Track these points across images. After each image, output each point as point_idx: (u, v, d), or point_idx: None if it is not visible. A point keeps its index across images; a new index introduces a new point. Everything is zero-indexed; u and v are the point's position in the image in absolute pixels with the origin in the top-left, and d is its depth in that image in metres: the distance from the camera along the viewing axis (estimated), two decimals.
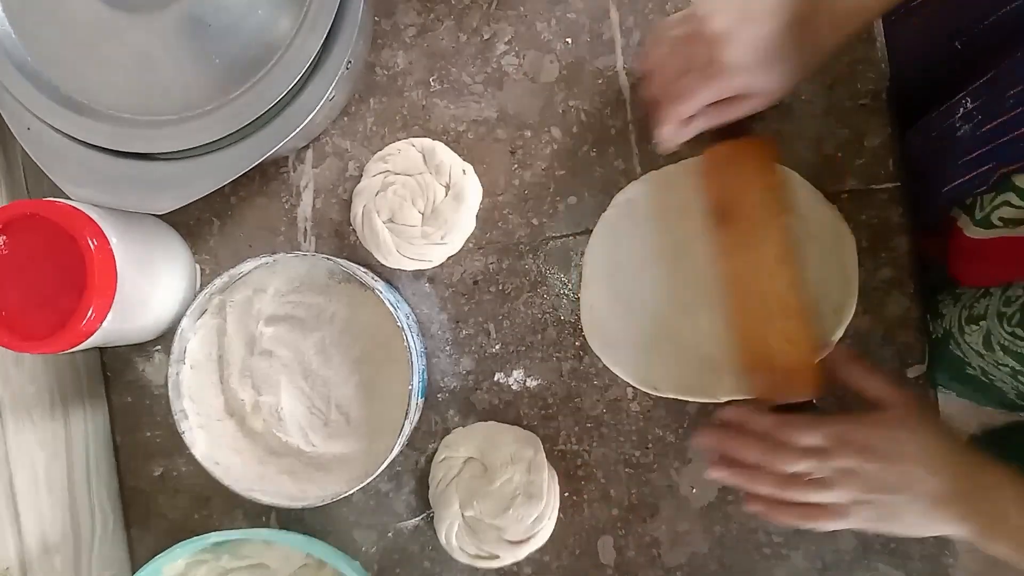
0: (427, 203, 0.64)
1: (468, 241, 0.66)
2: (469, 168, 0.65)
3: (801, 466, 0.52)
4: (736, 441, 0.56)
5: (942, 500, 0.50)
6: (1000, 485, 0.50)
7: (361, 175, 0.66)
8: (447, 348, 0.67)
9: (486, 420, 0.66)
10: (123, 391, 0.70)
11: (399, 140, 0.66)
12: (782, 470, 0.53)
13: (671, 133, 0.54)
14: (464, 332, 0.67)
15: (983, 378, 0.62)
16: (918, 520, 0.51)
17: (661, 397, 0.64)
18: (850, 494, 0.51)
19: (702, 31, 0.51)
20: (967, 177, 0.57)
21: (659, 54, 0.54)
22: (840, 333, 0.61)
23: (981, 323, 0.58)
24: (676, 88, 0.52)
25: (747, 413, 0.57)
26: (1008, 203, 0.55)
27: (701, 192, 0.59)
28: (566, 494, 0.66)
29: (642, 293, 0.63)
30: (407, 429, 0.60)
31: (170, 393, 0.62)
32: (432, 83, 0.67)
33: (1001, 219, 0.56)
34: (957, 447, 0.52)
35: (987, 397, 0.67)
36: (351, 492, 0.60)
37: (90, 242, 0.56)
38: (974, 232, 0.59)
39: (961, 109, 0.58)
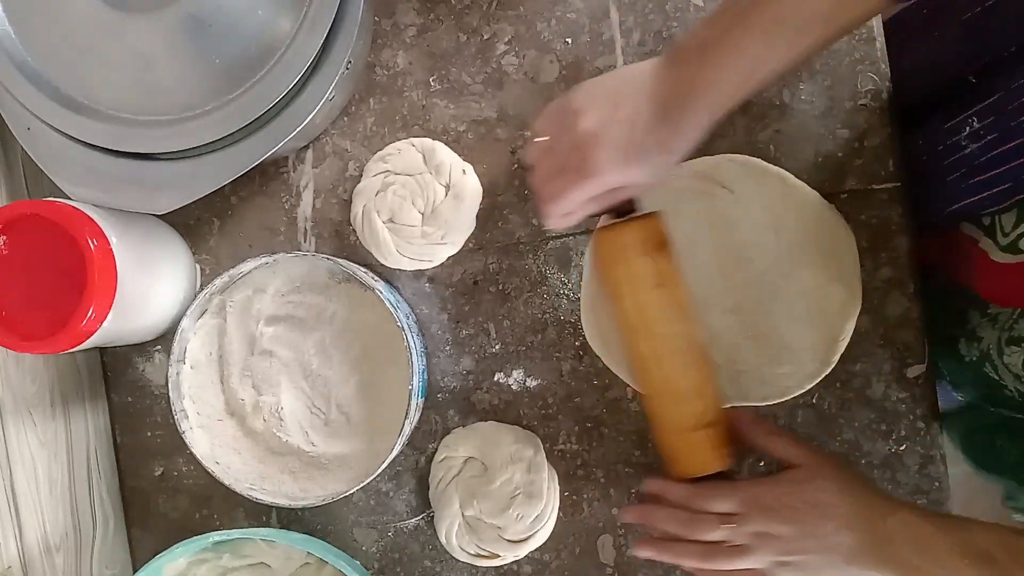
0: (427, 203, 0.64)
1: (468, 241, 0.66)
2: (469, 168, 0.65)
3: (717, 534, 0.53)
4: (657, 514, 0.57)
5: (856, 553, 0.51)
6: (903, 527, 0.51)
7: (361, 175, 0.66)
8: (447, 348, 0.67)
9: (486, 420, 0.66)
10: (123, 391, 0.71)
11: (399, 140, 0.66)
12: (701, 539, 0.54)
13: (554, 225, 0.54)
14: (464, 332, 0.67)
15: (1019, 399, 0.62)
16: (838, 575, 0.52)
17: None
18: (769, 557, 0.52)
19: (574, 129, 0.50)
20: (977, 197, 0.57)
21: (535, 151, 0.54)
22: (848, 334, 0.61)
23: (1022, 345, 0.58)
24: (551, 188, 0.52)
25: (664, 485, 0.58)
26: None
27: (594, 273, 0.60)
28: (566, 493, 0.66)
29: None
30: (407, 429, 0.60)
31: (170, 393, 0.62)
32: (432, 83, 0.67)
33: None
34: (865, 498, 0.53)
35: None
36: (351, 492, 0.60)
37: (90, 242, 0.56)
38: (1002, 257, 0.59)
39: (967, 128, 0.58)
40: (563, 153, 0.52)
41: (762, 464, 0.65)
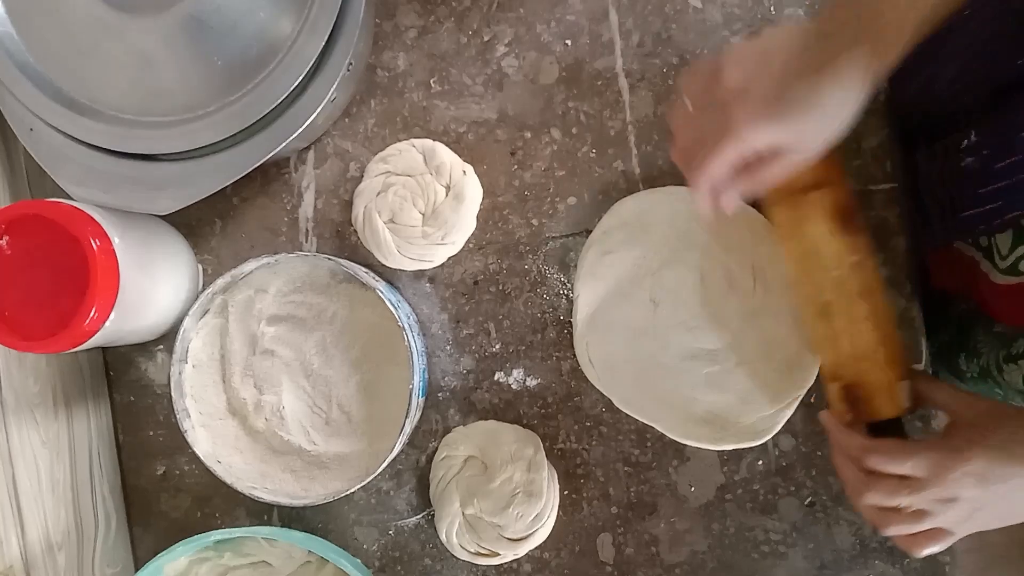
0: (428, 203, 0.64)
1: (468, 241, 0.66)
2: (469, 169, 0.66)
3: (897, 501, 0.50)
4: (840, 454, 0.54)
5: None
6: None
7: (362, 176, 0.66)
8: (447, 347, 0.67)
9: (486, 419, 0.67)
10: (126, 390, 0.71)
11: (400, 141, 0.66)
12: (878, 504, 0.51)
13: (706, 205, 0.48)
14: (464, 332, 0.67)
15: None
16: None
17: None
18: (952, 518, 0.50)
19: (717, 88, 0.46)
20: (976, 211, 0.57)
21: (677, 116, 0.50)
22: (806, 388, 0.61)
23: (1020, 362, 0.58)
24: (694, 158, 0.47)
25: (839, 430, 0.55)
26: None
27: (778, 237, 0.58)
28: (565, 492, 0.66)
29: (626, 317, 0.63)
30: (408, 428, 0.61)
31: (172, 392, 0.62)
32: (433, 84, 0.67)
33: None
34: None
35: None
36: (352, 490, 0.61)
37: (92, 242, 0.56)
38: (1003, 279, 0.58)
39: (966, 141, 0.57)
40: (706, 117, 0.47)
41: (760, 464, 0.65)
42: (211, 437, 0.64)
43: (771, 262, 0.61)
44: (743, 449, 0.65)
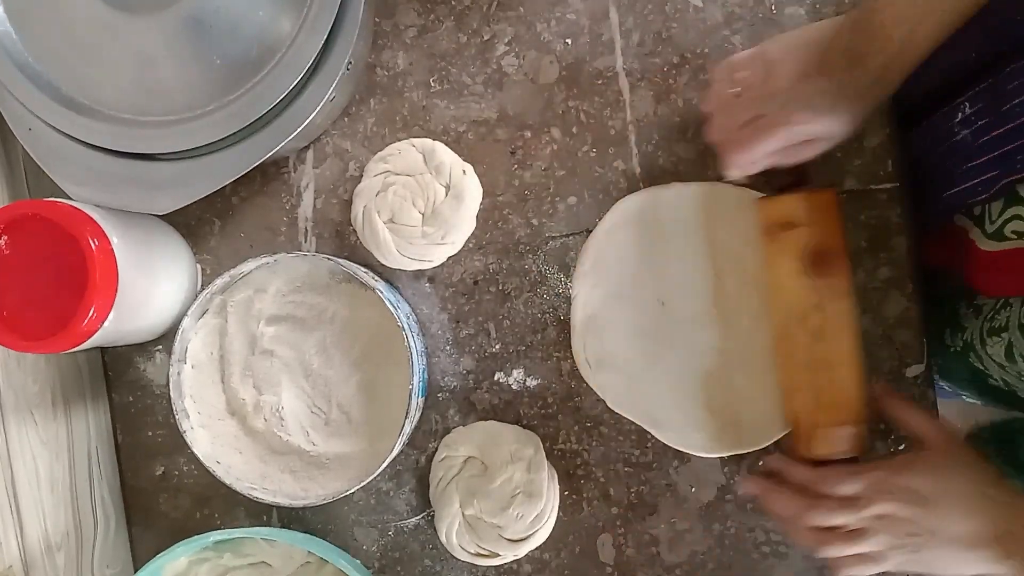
0: (427, 203, 0.64)
1: (468, 241, 0.66)
2: (469, 168, 0.65)
3: (838, 519, 0.53)
4: (778, 498, 0.57)
5: (979, 542, 0.50)
6: None
7: (361, 175, 0.66)
8: (447, 348, 0.67)
9: (486, 419, 0.67)
10: (125, 391, 0.71)
11: (399, 140, 0.66)
12: (819, 524, 0.53)
13: (736, 174, 0.56)
14: (464, 332, 0.67)
15: (1005, 388, 0.62)
16: (955, 562, 0.51)
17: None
18: (887, 541, 0.52)
19: (769, 80, 0.53)
20: (969, 184, 0.57)
21: (724, 98, 0.56)
22: None
23: (1003, 335, 0.58)
24: (741, 136, 0.54)
25: (788, 464, 0.58)
26: (1019, 216, 0.55)
27: (780, 239, 0.59)
28: (566, 493, 0.66)
29: (627, 317, 0.63)
30: (408, 428, 0.61)
31: (171, 393, 0.62)
32: (432, 84, 0.67)
33: (1015, 232, 0.56)
34: (995, 485, 0.52)
35: (1012, 406, 0.66)
36: (352, 491, 0.60)
37: (91, 242, 0.56)
38: (988, 245, 0.59)
39: (960, 114, 0.58)
40: (755, 103, 0.53)
41: (761, 464, 0.65)
42: (210, 437, 0.64)
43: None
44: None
